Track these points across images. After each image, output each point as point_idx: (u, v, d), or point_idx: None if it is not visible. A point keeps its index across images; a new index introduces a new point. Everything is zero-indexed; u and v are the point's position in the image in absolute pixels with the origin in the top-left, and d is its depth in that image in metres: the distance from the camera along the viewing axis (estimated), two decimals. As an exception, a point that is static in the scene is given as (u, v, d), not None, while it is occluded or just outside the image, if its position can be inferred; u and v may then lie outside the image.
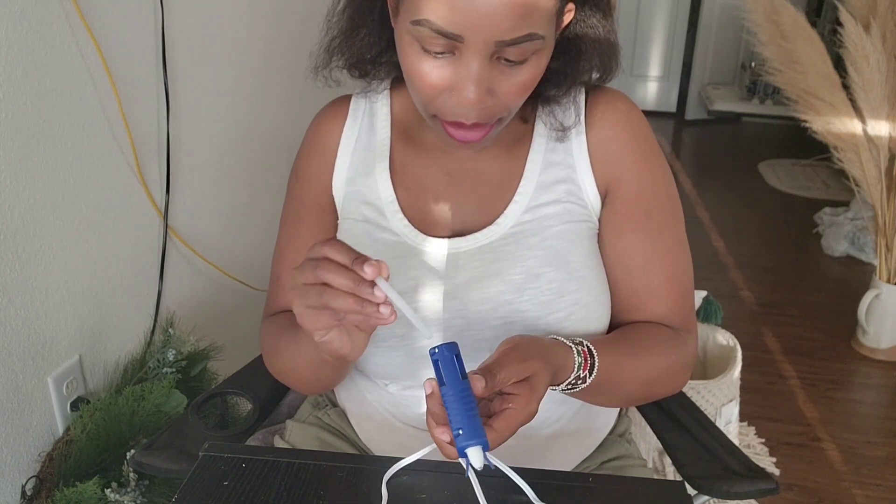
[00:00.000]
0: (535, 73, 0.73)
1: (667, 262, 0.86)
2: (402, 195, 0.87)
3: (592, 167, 0.85)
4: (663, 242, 0.86)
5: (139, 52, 1.31)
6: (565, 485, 0.74)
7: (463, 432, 0.62)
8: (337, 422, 1.01)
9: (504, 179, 0.86)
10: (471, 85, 0.70)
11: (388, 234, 0.86)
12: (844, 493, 1.82)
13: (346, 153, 0.90)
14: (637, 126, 0.87)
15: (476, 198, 0.86)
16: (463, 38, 0.68)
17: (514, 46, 0.69)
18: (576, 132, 0.85)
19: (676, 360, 0.86)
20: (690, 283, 0.89)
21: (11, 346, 1.07)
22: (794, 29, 2.23)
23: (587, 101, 0.86)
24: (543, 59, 0.74)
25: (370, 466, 0.77)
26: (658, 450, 1.66)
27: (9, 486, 1.09)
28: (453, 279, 0.83)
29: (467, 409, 0.63)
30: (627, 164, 0.85)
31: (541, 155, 0.85)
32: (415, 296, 0.83)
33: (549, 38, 0.73)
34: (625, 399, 0.89)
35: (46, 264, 1.12)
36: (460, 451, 0.63)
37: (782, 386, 2.25)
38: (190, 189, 1.51)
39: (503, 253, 0.83)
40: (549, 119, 0.85)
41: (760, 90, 4.80)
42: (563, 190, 0.84)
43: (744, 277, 2.92)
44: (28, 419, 1.12)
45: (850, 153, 2.29)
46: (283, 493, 0.72)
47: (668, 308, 0.86)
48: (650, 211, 0.85)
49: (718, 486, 0.85)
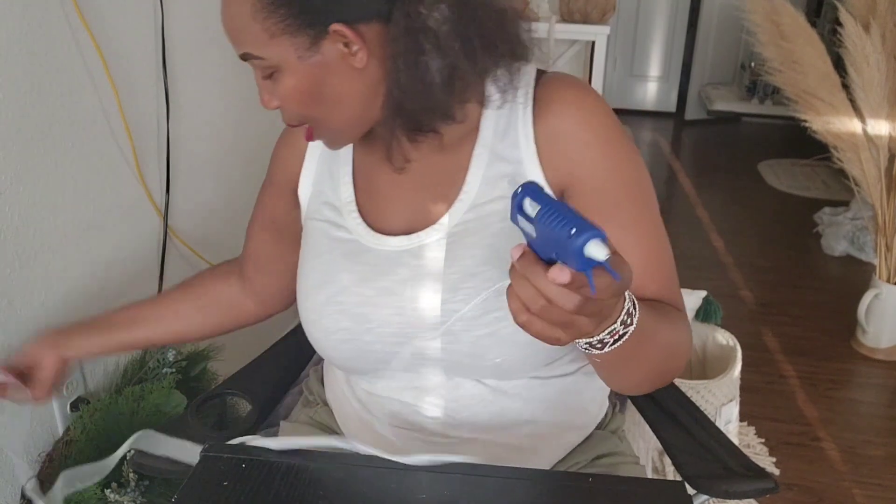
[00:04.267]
0: (293, 88, 0.78)
1: (645, 249, 0.84)
2: (361, 196, 0.90)
3: (541, 161, 0.81)
4: (637, 230, 0.83)
5: (139, 52, 1.31)
6: (565, 485, 0.74)
7: (576, 230, 0.51)
8: (326, 420, 1.03)
9: (450, 175, 0.85)
10: (260, 93, 0.81)
11: (343, 232, 0.89)
12: (844, 492, 1.82)
13: (313, 155, 0.95)
14: (591, 117, 0.81)
15: (422, 195, 0.87)
16: None
17: (249, 62, 0.79)
18: (523, 122, 0.82)
19: (683, 333, 0.84)
20: (672, 266, 0.87)
21: (12, 346, 1.07)
22: (794, 29, 2.23)
23: (536, 89, 0.83)
24: (292, 77, 0.77)
25: (370, 466, 0.77)
26: (658, 450, 1.66)
27: (8, 486, 1.09)
28: (391, 275, 0.85)
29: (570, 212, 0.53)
30: (584, 159, 0.81)
31: (486, 149, 0.83)
32: (357, 290, 0.86)
33: (285, 60, 0.76)
34: (651, 367, 0.81)
35: (46, 264, 1.12)
36: (579, 249, 0.52)
37: (782, 386, 2.25)
38: (190, 189, 1.51)
39: (441, 252, 0.84)
40: (492, 110, 0.84)
41: (760, 90, 4.80)
42: (507, 185, 0.82)
43: (743, 277, 2.92)
44: (28, 419, 1.12)
45: (850, 153, 2.29)
46: (282, 494, 0.72)
47: (655, 293, 0.84)
48: (619, 204, 0.82)
49: (718, 486, 0.85)
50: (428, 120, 0.80)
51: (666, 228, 0.89)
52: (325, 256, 0.90)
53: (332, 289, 0.87)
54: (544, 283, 0.54)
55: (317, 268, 0.90)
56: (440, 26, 0.74)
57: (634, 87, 5.23)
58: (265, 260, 1.04)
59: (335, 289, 0.87)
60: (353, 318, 0.86)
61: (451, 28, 0.75)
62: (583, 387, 0.94)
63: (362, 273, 0.86)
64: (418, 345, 0.84)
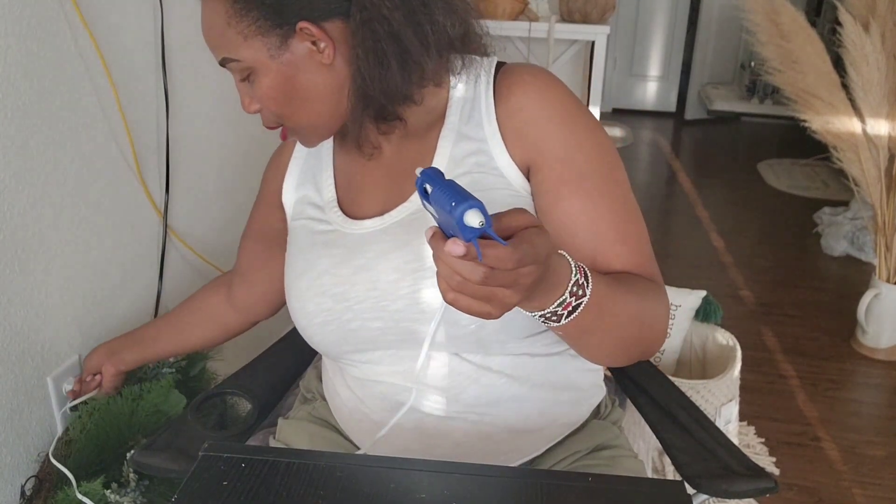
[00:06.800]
0: (268, 87, 0.84)
1: (614, 220, 0.85)
2: (341, 193, 0.96)
3: (504, 139, 0.86)
4: (606, 203, 0.85)
5: (139, 52, 1.31)
6: (565, 485, 0.74)
7: (455, 203, 0.55)
8: (324, 414, 1.05)
9: (419, 158, 0.90)
10: (241, 98, 0.89)
11: (324, 225, 0.94)
12: (844, 492, 1.82)
13: (296, 165, 1.02)
14: (548, 93, 0.86)
15: (392, 180, 0.92)
16: None
17: (227, 67, 0.86)
18: (486, 105, 0.87)
19: (658, 301, 0.85)
20: (645, 237, 0.88)
21: (11, 347, 1.07)
22: (794, 29, 2.23)
23: (496, 77, 0.89)
24: (266, 77, 0.84)
25: (370, 466, 0.77)
26: (658, 450, 1.66)
27: (8, 486, 1.09)
28: (365, 253, 0.89)
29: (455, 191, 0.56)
30: (546, 133, 0.85)
31: (453, 131, 0.88)
32: (335, 271, 0.90)
33: (259, 60, 0.83)
34: (621, 336, 0.81)
35: (46, 264, 1.12)
36: (459, 220, 0.55)
37: (782, 386, 2.25)
38: (190, 189, 1.51)
39: (412, 226, 0.87)
40: (465, 86, 0.90)
41: (760, 90, 4.80)
42: (473, 162, 0.86)
43: (743, 277, 2.92)
44: (27, 419, 1.12)
45: (850, 153, 2.29)
46: (282, 494, 0.72)
47: (628, 262, 0.85)
48: (584, 174, 0.84)
49: (718, 486, 0.85)
50: (391, 104, 0.86)
51: (666, 228, 0.89)
52: (306, 249, 0.94)
53: (313, 274, 0.92)
54: (448, 258, 0.57)
55: (299, 259, 0.95)
56: (392, 14, 0.81)
57: (634, 86, 5.23)
58: (251, 269, 1.10)
59: (315, 273, 0.92)
60: (333, 298, 0.90)
61: (402, 15, 0.81)
62: (571, 367, 0.94)
63: (340, 255, 0.91)
64: (395, 318, 0.87)
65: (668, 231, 0.80)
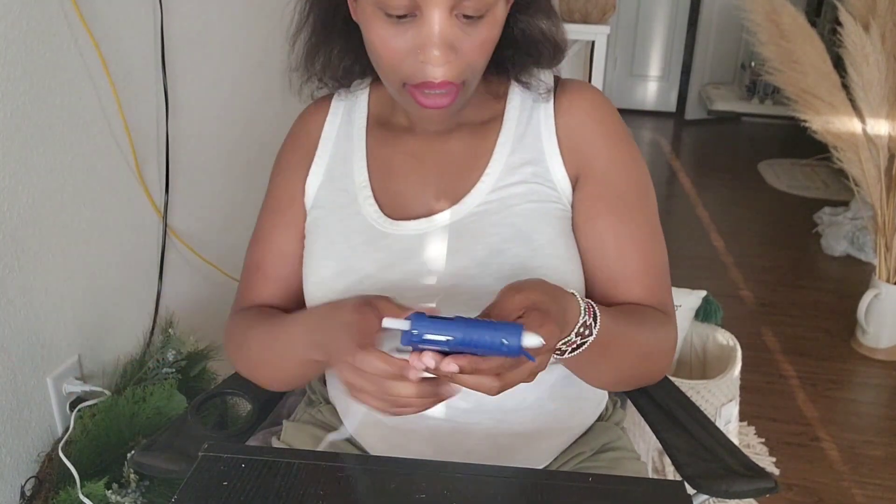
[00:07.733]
0: (492, 29, 0.77)
1: (640, 246, 0.87)
2: (375, 181, 0.91)
3: (561, 152, 0.88)
4: (635, 225, 0.87)
5: (138, 52, 1.31)
6: (565, 485, 0.74)
7: (505, 338, 0.60)
8: (329, 418, 1.03)
9: (471, 160, 0.88)
10: (435, 40, 0.74)
11: (359, 218, 0.88)
12: (844, 492, 1.82)
13: (326, 145, 0.94)
14: (604, 113, 0.90)
15: (442, 178, 0.89)
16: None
17: (461, 7, 0.74)
18: (545, 117, 0.89)
19: (665, 337, 0.87)
20: (666, 268, 0.90)
21: (11, 346, 1.07)
22: (794, 29, 2.23)
23: (556, 90, 0.90)
24: (500, 15, 0.78)
25: (370, 466, 0.77)
26: (658, 450, 1.66)
27: (8, 487, 1.09)
28: (417, 259, 0.85)
29: (483, 324, 0.60)
30: (596, 149, 0.88)
31: (510, 138, 0.88)
32: (380, 277, 0.85)
33: None
34: (622, 370, 0.86)
35: (46, 264, 1.12)
36: (519, 349, 0.59)
37: (782, 386, 2.25)
38: (189, 189, 1.51)
39: (467, 231, 0.85)
40: (521, 95, 0.90)
41: (760, 90, 4.80)
42: (529, 172, 0.87)
43: (743, 277, 2.92)
44: (27, 419, 1.12)
45: (850, 153, 2.29)
46: (282, 494, 0.72)
47: (645, 292, 0.87)
48: (621, 195, 0.87)
49: (718, 486, 0.85)
50: (505, 61, 0.87)
51: (666, 228, 0.90)
52: (340, 245, 0.88)
53: (353, 277, 0.86)
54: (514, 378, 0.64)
55: (331, 256, 0.88)
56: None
57: (634, 86, 5.23)
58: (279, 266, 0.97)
59: (356, 277, 0.86)
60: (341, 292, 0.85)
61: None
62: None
63: (381, 259, 0.86)
64: None
65: (668, 231, 0.81)
